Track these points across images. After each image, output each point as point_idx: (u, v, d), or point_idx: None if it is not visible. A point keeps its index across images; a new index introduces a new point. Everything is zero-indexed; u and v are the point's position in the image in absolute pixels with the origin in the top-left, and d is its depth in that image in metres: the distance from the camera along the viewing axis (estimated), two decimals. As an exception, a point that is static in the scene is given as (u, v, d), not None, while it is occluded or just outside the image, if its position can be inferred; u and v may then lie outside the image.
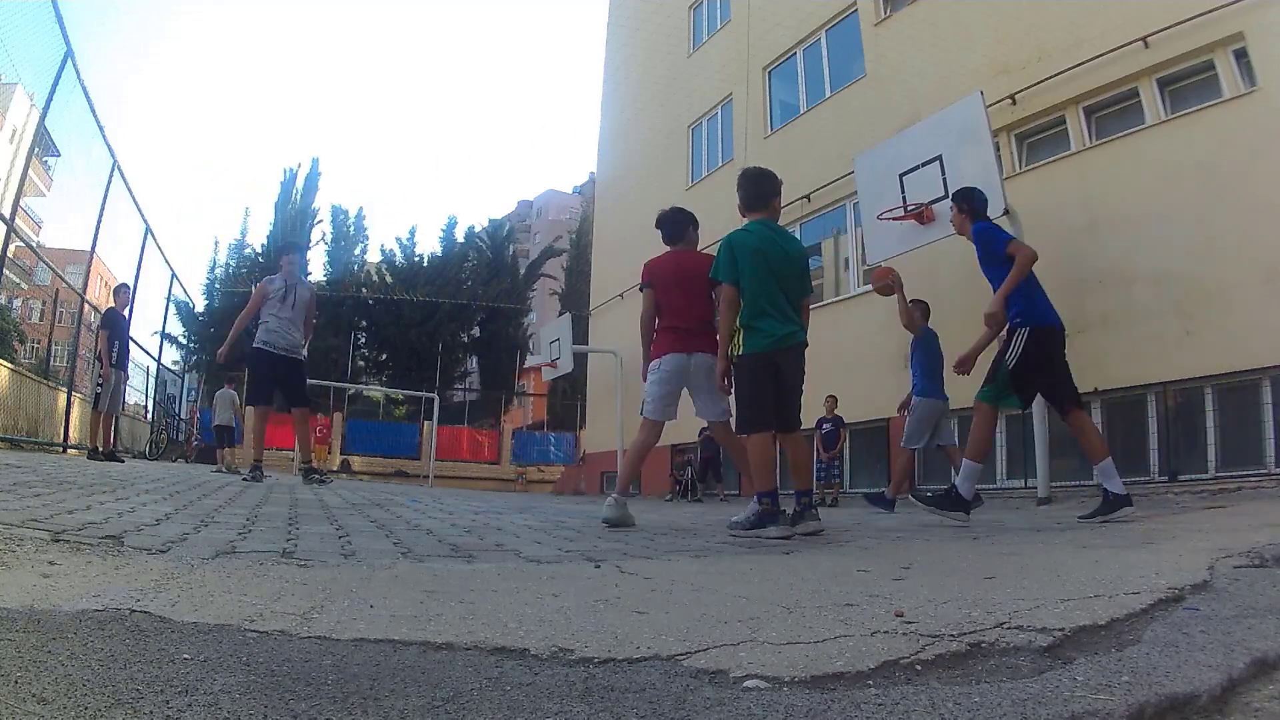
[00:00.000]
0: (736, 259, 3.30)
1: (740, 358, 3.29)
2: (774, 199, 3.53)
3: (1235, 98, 6.20)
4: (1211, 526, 2.89)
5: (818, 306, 8.94)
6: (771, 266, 3.29)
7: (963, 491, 3.83)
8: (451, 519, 3.60)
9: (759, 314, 3.24)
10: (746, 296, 3.27)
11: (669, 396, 3.68)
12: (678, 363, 3.63)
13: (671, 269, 3.73)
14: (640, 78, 15.60)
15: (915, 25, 9.31)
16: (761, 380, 3.24)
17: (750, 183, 3.52)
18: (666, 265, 3.75)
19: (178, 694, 0.83)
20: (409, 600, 1.41)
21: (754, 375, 3.24)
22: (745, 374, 3.28)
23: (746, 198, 3.51)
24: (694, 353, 3.60)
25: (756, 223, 3.43)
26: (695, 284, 3.65)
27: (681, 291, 3.67)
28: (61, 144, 7.71)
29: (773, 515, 3.15)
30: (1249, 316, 5.84)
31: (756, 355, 3.24)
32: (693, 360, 3.60)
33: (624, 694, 0.93)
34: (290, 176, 27.26)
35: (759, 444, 3.26)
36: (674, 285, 3.69)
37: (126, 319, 8.26)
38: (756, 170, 3.59)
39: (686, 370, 3.63)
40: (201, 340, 24.52)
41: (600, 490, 15.00)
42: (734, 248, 3.33)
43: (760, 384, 3.25)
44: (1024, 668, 1.06)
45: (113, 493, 3.29)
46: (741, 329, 3.28)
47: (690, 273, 3.69)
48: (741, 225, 3.47)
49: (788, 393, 3.30)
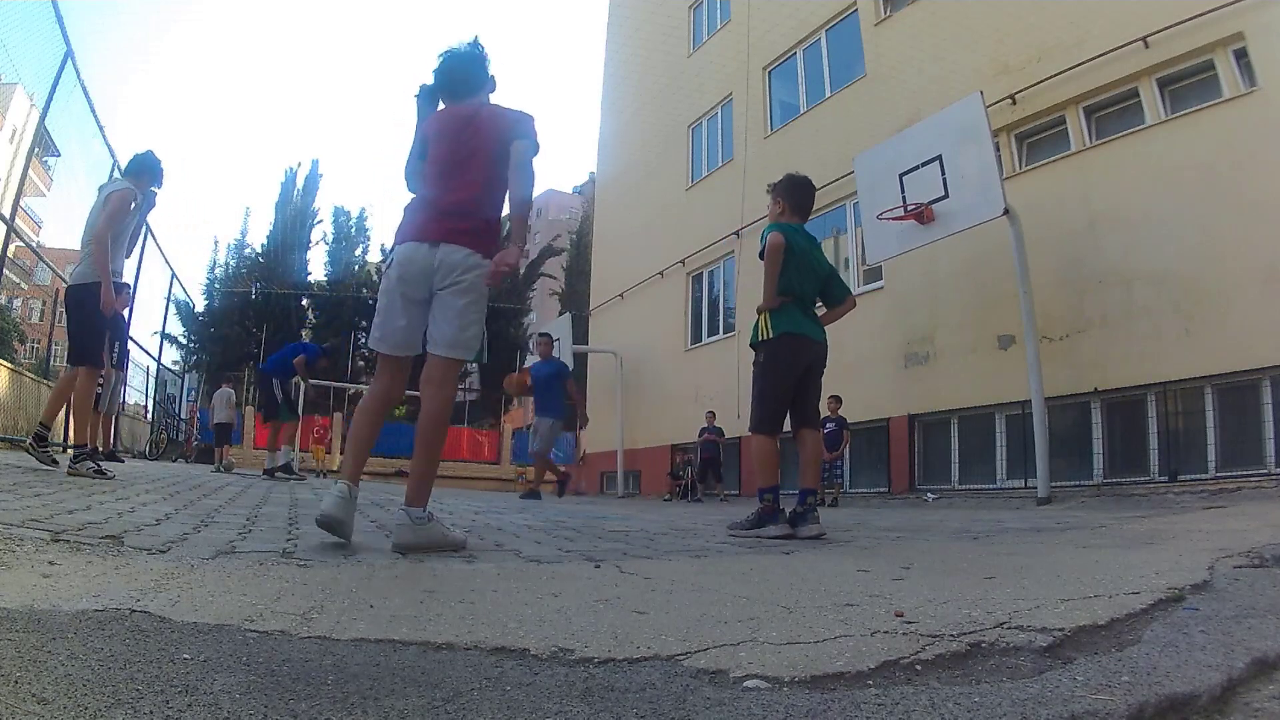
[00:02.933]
0: (793, 249, 3.36)
1: (772, 340, 3.32)
2: (810, 212, 3.67)
3: (1235, 98, 6.20)
4: (1211, 526, 2.89)
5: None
6: (814, 271, 3.44)
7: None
8: (451, 519, 3.59)
9: (803, 311, 3.37)
10: (795, 291, 3.34)
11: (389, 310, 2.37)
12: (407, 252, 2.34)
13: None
14: (640, 78, 15.59)
15: (915, 25, 9.31)
16: (791, 369, 3.31)
17: (803, 192, 3.59)
18: None
19: (178, 694, 0.83)
20: (409, 600, 1.41)
21: (789, 360, 3.30)
22: (778, 357, 3.31)
23: (798, 204, 3.56)
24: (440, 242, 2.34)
25: (795, 227, 3.51)
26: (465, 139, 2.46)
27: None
28: (61, 144, 7.70)
29: (772, 514, 3.15)
30: (1249, 316, 5.84)
31: (793, 336, 3.29)
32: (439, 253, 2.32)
33: (624, 694, 0.93)
34: (290, 176, 27.27)
35: (762, 442, 3.30)
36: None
37: (126, 319, 8.26)
38: (808, 180, 3.65)
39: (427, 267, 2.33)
40: (201, 340, 24.52)
41: (600, 490, 14.99)
42: (787, 235, 3.36)
43: (789, 374, 3.30)
44: (1024, 668, 1.06)
45: (113, 493, 3.29)
46: (772, 315, 3.33)
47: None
48: (779, 223, 3.50)
49: (811, 388, 3.40)
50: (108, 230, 4.05)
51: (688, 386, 12.27)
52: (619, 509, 6.21)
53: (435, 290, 2.32)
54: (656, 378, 13.52)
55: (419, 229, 2.35)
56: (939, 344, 8.44)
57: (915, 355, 8.69)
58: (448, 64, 2.56)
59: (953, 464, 8.30)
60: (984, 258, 7.61)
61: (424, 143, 2.49)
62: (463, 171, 2.40)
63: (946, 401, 8.28)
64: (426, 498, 2.29)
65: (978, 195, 6.50)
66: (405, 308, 2.33)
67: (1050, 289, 6.98)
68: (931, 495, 7.93)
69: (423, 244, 2.31)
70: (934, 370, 8.44)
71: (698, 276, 13.12)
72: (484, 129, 2.44)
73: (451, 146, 2.42)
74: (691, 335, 13.13)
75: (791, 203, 3.52)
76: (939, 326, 8.48)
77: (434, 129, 2.49)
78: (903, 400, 8.72)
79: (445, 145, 2.44)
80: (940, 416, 8.46)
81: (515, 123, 2.45)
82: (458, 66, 2.56)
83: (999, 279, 7.30)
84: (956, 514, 5.28)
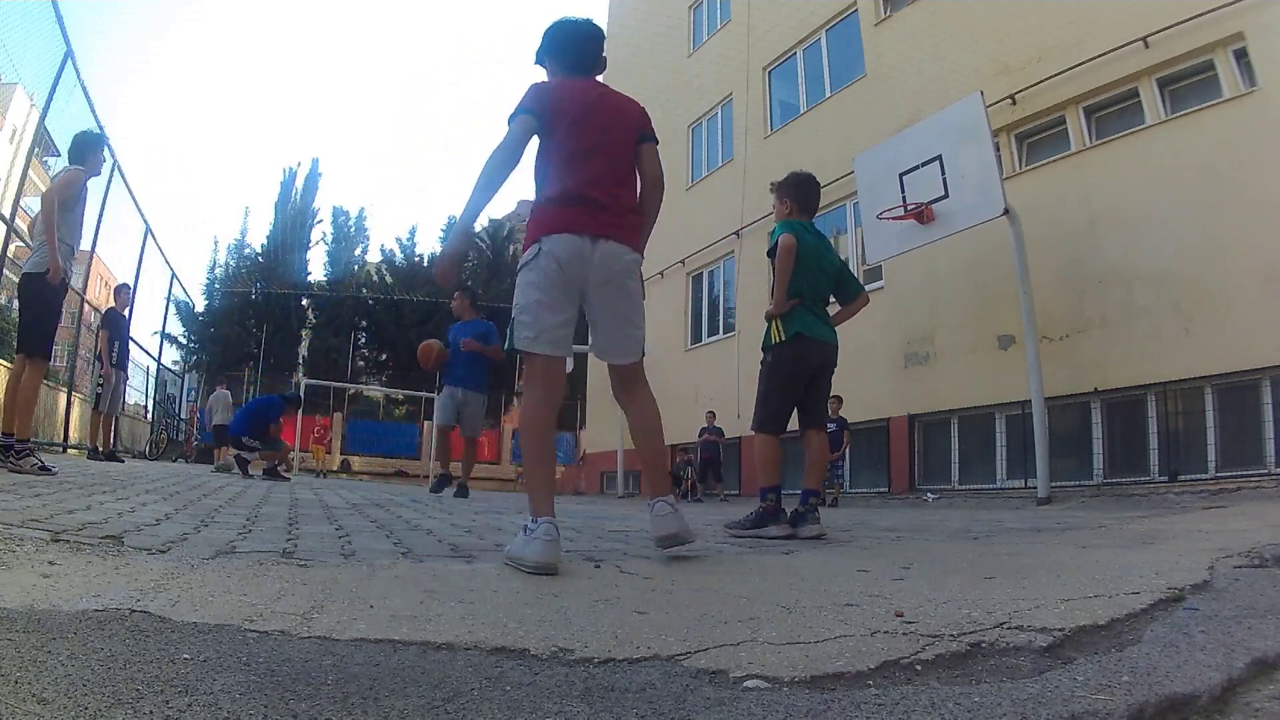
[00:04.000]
0: (804, 249, 3.31)
1: (784, 343, 3.28)
2: (817, 209, 3.62)
3: (1235, 98, 6.21)
4: (1211, 526, 2.89)
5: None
6: (825, 270, 3.40)
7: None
8: (451, 519, 3.59)
9: (813, 312, 3.33)
10: (806, 291, 3.31)
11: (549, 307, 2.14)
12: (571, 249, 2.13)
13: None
14: (640, 77, 15.59)
15: (915, 25, 9.31)
16: (799, 372, 3.28)
17: (809, 189, 3.53)
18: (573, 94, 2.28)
19: (178, 694, 0.83)
20: (409, 600, 1.41)
21: (798, 363, 3.28)
22: (787, 360, 3.28)
23: (805, 203, 3.51)
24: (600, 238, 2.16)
25: (805, 225, 3.46)
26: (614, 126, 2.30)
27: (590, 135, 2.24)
28: (61, 144, 7.70)
29: (774, 513, 3.13)
30: (1249, 316, 5.84)
31: (805, 339, 3.25)
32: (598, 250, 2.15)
33: (624, 694, 0.93)
34: (290, 176, 27.21)
35: (764, 441, 3.28)
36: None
37: (126, 319, 8.26)
38: (813, 177, 3.60)
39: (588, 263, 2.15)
40: (201, 340, 24.50)
41: (600, 490, 15.00)
42: (798, 234, 3.31)
43: (796, 377, 3.28)
44: (1024, 668, 1.06)
45: (113, 493, 3.29)
46: (783, 318, 3.30)
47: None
48: (788, 221, 3.45)
49: (820, 389, 3.38)
50: (55, 196, 4.07)
51: (688, 386, 12.27)
52: (619, 509, 6.21)
53: (592, 289, 2.17)
54: (656, 378, 13.33)
55: (581, 220, 2.14)
56: (939, 344, 8.44)
57: (915, 355, 8.69)
58: (592, 32, 2.37)
59: (953, 464, 8.30)
60: (984, 258, 7.61)
61: (557, 115, 2.18)
62: (614, 161, 2.25)
63: (946, 401, 8.28)
64: (670, 488, 2.28)
65: (978, 195, 6.50)
66: (563, 305, 2.15)
67: (1050, 289, 6.99)
68: (931, 495, 7.93)
69: (582, 237, 2.12)
70: (934, 370, 8.44)
71: (698, 277, 13.12)
72: (625, 117, 2.31)
73: (600, 133, 2.23)
74: (691, 335, 13.13)
75: (799, 201, 3.50)
76: (939, 326, 8.48)
77: (575, 107, 2.22)
78: (903, 400, 8.72)
79: (593, 130, 2.22)
80: (940, 416, 8.46)
81: (646, 119, 2.35)
82: (599, 37, 2.38)
83: (999, 279, 7.30)
84: (956, 514, 5.28)
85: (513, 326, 2.17)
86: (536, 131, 2.17)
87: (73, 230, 4.29)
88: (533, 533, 1.88)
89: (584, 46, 2.36)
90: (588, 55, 2.36)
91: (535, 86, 2.23)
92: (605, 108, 2.28)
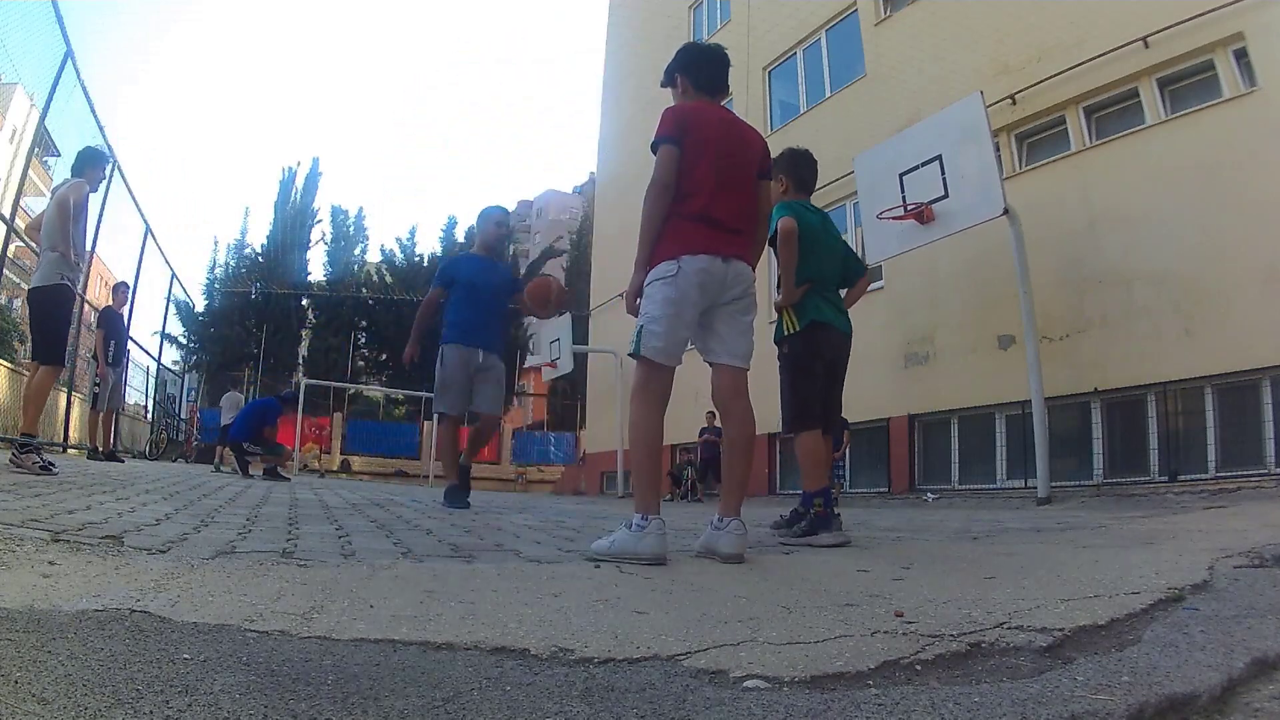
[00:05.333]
0: (807, 231, 3.10)
1: (800, 332, 3.09)
2: (814, 186, 3.45)
3: (1235, 98, 6.21)
4: (1211, 526, 2.89)
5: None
6: (831, 250, 3.25)
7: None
8: (451, 519, 3.59)
9: (825, 297, 3.15)
10: (814, 277, 3.11)
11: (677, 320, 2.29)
12: (705, 272, 2.29)
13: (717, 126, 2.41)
14: (641, 77, 15.59)
15: (915, 25, 9.32)
16: (818, 358, 3.08)
17: (806, 165, 3.36)
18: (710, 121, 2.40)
19: (178, 694, 0.83)
20: (409, 600, 1.41)
21: (816, 349, 3.08)
22: (806, 347, 3.08)
23: (802, 179, 3.33)
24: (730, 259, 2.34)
25: (804, 204, 3.28)
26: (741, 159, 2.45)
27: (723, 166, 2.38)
28: (61, 144, 7.69)
29: (825, 520, 2.91)
30: (1249, 316, 5.85)
31: (821, 326, 3.06)
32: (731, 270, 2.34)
33: (624, 694, 0.93)
34: (290, 176, 27.19)
35: (807, 439, 3.04)
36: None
37: (124, 317, 8.26)
38: (809, 153, 3.41)
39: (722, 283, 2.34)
40: (201, 340, 24.49)
41: (600, 490, 14.99)
42: (799, 215, 3.09)
43: (818, 363, 3.08)
44: (1024, 668, 1.06)
45: (113, 493, 3.29)
46: (794, 307, 3.11)
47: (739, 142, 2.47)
48: (785, 202, 3.21)
49: (835, 388, 3.22)
50: (70, 208, 4.19)
51: (688, 387, 12.12)
52: (619, 509, 6.21)
53: (717, 304, 2.36)
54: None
55: (717, 242, 2.31)
56: (939, 344, 8.45)
57: (915, 355, 8.70)
58: (724, 57, 2.55)
59: (953, 464, 8.30)
60: (984, 258, 7.61)
61: (697, 141, 2.32)
62: (743, 190, 2.42)
63: (946, 401, 8.28)
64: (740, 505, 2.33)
65: (978, 195, 6.50)
66: (691, 320, 2.33)
67: (1050, 289, 6.99)
68: (931, 495, 7.93)
69: (718, 257, 2.30)
70: (934, 370, 8.44)
71: (698, 276, 13.11)
72: (751, 149, 2.48)
73: (734, 158, 2.40)
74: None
75: (795, 178, 3.29)
76: (939, 326, 8.49)
77: (715, 131, 2.37)
78: (903, 400, 8.72)
79: (729, 155, 2.38)
80: (940, 416, 8.46)
81: (767, 155, 2.53)
82: (728, 63, 2.56)
83: (999, 279, 7.30)
84: (956, 514, 5.28)
85: (640, 334, 2.31)
86: (678, 158, 2.33)
87: (79, 240, 4.38)
88: (644, 529, 2.09)
89: (716, 68, 2.54)
90: (718, 78, 2.55)
91: (673, 112, 2.39)
92: (736, 137, 2.45)
